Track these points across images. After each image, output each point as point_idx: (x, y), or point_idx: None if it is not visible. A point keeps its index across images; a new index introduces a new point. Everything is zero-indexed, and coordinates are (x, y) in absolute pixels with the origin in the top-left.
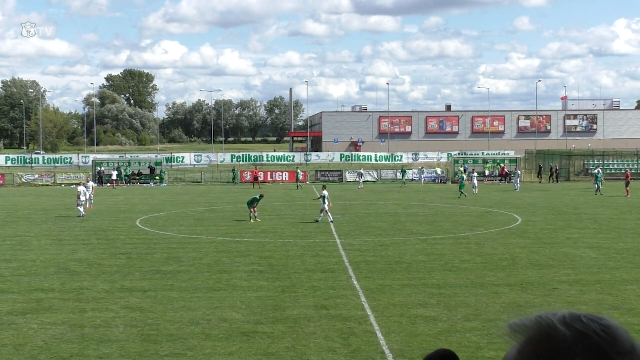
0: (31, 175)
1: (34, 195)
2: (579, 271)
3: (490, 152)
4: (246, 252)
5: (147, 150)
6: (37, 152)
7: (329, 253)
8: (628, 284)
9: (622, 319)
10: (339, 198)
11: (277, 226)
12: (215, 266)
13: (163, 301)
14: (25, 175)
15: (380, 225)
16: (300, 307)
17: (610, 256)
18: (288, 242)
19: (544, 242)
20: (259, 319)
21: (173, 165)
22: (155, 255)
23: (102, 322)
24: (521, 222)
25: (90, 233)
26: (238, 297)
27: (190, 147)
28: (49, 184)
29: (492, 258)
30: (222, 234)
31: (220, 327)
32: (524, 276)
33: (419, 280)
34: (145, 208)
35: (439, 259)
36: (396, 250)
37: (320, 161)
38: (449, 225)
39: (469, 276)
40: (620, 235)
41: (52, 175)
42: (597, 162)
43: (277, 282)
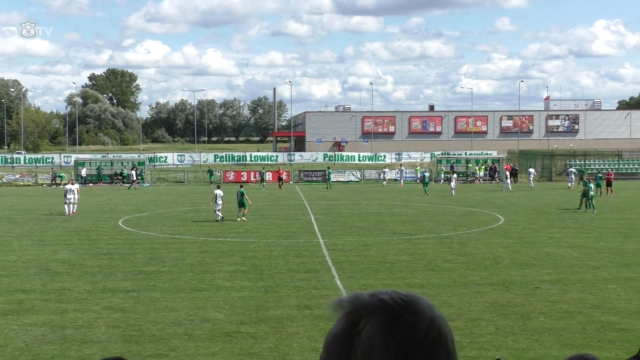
0: (12, 175)
1: (15, 196)
2: (560, 270)
3: (473, 152)
4: (229, 252)
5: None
6: (18, 152)
7: (312, 253)
8: (609, 283)
9: (602, 318)
10: (322, 198)
11: (260, 226)
12: (198, 266)
13: (145, 302)
14: (7, 175)
15: (363, 225)
16: (283, 307)
17: (592, 255)
18: (271, 242)
19: (526, 241)
20: (242, 319)
21: (156, 165)
22: (137, 255)
23: (83, 323)
24: (504, 222)
25: (72, 233)
26: (221, 298)
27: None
28: (30, 184)
29: (474, 258)
30: (205, 234)
31: (203, 327)
32: (507, 276)
33: (402, 280)
34: (128, 208)
35: (422, 258)
36: (379, 250)
37: (303, 161)
38: (432, 225)
39: (451, 276)
40: (602, 234)
41: (34, 175)
42: (579, 162)
43: (261, 282)
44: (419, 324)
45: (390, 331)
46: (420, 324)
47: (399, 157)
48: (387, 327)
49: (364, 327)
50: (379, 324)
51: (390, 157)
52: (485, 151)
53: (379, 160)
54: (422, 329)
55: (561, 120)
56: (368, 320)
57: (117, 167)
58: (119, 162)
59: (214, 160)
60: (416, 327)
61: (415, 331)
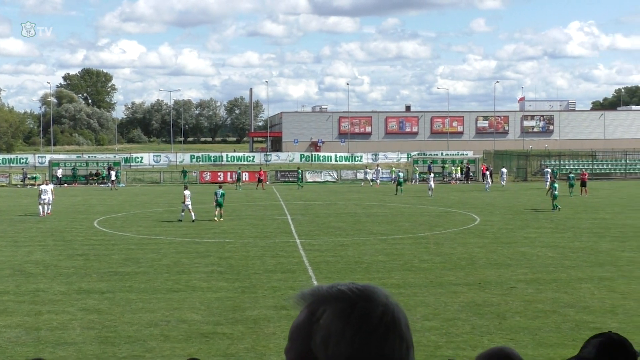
0: None
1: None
2: (536, 270)
3: (449, 153)
4: (206, 253)
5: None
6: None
7: (289, 253)
8: (583, 282)
9: (577, 317)
10: (298, 198)
11: (237, 227)
12: (174, 267)
13: (121, 303)
14: None
15: (340, 226)
16: (260, 308)
17: (567, 255)
18: (248, 243)
19: (502, 241)
20: (219, 320)
21: (132, 166)
22: (113, 256)
23: (58, 325)
24: (479, 222)
25: (46, 234)
26: (197, 298)
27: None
28: (4, 184)
29: (451, 258)
30: (182, 234)
31: (179, 328)
32: (483, 275)
33: (379, 280)
34: (103, 209)
35: (399, 259)
36: (356, 251)
37: (280, 161)
38: (408, 226)
39: (428, 276)
40: (576, 234)
41: (7, 175)
42: (554, 162)
43: (237, 283)
44: (373, 311)
45: (346, 318)
46: (374, 311)
47: (375, 157)
48: (343, 315)
49: (321, 315)
50: (336, 312)
51: (367, 157)
52: (461, 151)
53: (356, 161)
54: (376, 315)
55: (536, 121)
56: (326, 309)
57: (92, 167)
58: (94, 163)
59: (190, 160)
60: (370, 313)
61: (369, 317)
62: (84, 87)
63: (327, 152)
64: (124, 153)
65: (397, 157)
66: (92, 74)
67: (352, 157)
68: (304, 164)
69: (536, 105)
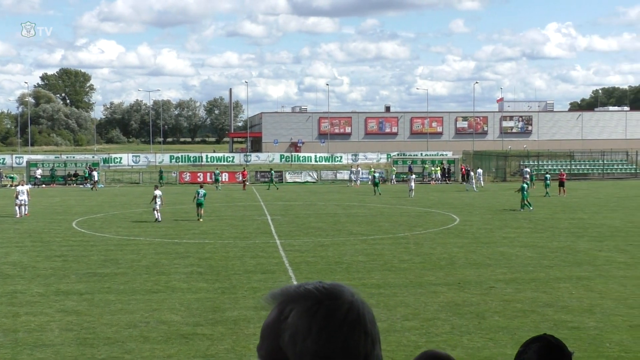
0: None
1: None
2: (514, 270)
3: (429, 153)
4: (185, 253)
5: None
6: None
7: (269, 254)
8: (561, 282)
9: (555, 316)
10: (278, 199)
11: (216, 227)
12: (153, 268)
13: (100, 304)
14: None
15: (320, 226)
16: (240, 309)
17: (545, 255)
18: (228, 244)
19: (481, 241)
20: (198, 321)
21: (111, 166)
22: (92, 257)
23: (36, 327)
24: (459, 222)
25: (24, 235)
26: (177, 299)
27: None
28: None
29: (430, 258)
30: (161, 235)
31: (158, 329)
32: (462, 275)
33: (359, 280)
34: (82, 210)
35: (379, 259)
36: (336, 251)
37: (260, 162)
38: (388, 226)
39: (408, 276)
40: (555, 234)
41: None
42: (533, 162)
43: (217, 284)
44: (338, 308)
45: (312, 316)
46: (340, 308)
47: (355, 157)
48: (309, 312)
49: (289, 314)
50: (303, 310)
51: (347, 157)
52: (440, 152)
53: (336, 161)
54: (341, 312)
55: (515, 122)
56: (293, 308)
57: (70, 168)
58: (72, 163)
59: (170, 161)
60: (336, 310)
61: (334, 315)
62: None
63: (307, 153)
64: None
65: (377, 158)
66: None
67: (332, 157)
68: (284, 165)
69: (515, 106)
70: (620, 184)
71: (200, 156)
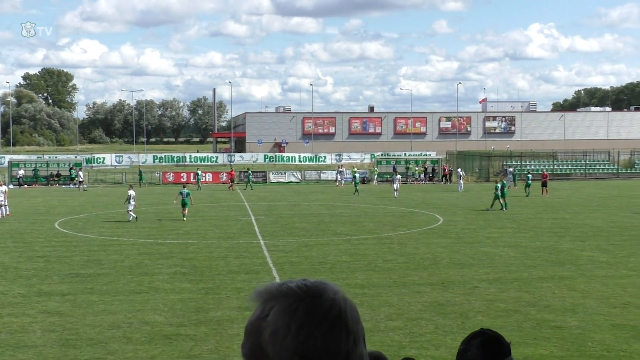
0: None
1: None
2: (498, 270)
3: (412, 153)
4: (169, 254)
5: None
6: None
7: (253, 254)
8: (544, 281)
9: (538, 316)
10: (262, 199)
11: (200, 227)
12: (137, 268)
13: (83, 305)
14: None
15: (304, 226)
16: (224, 309)
17: (528, 255)
18: (212, 244)
19: (465, 241)
20: (182, 322)
21: (93, 167)
22: (74, 258)
23: (18, 328)
24: (443, 222)
25: (6, 236)
26: (160, 300)
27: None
28: None
29: (414, 258)
30: (144, 235)
31: (142, 330)
32: (446, 275)
33: (343, 280)
34: (65, 210)
35: (363, 259)
36: (320, 251)
37: (244, 162)
38: (372, 226)
39: (391, 276)
40: (537, 234)
41: None
42: (516, 162)
43: (201, 284)
44: (319, 305)
45: (291, 314)
46: (320, 305)
47: (339, 157)
48: (289, 310)
49: (269, 311)
50: (283, 308)
51: (331, 158)
52: (424, 152)
53: (320, 161)
54: (322, 310)
55: (498, 122)
56: (274, 305)
57: (53, 168)
58: (55, 163)
59: (153, 161)
60: (316, 308)
61: (315, 312)
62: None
63: (290, 153)
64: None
65: (361, 158)
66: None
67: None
68: (268, 165)
69: (498, 106)
70: (602, 184)
71: (183, 156)
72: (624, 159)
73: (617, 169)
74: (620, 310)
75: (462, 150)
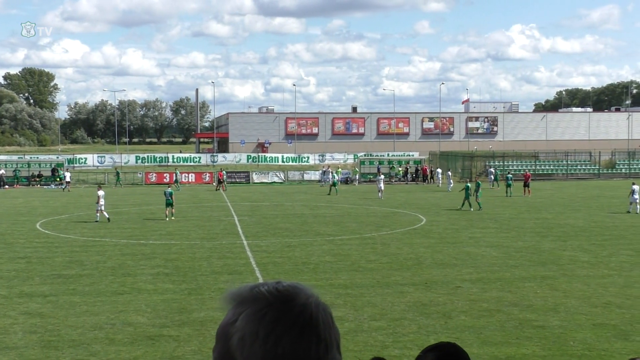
0: None
1: None
2: (480, 270)
3: (395, 154)
4: (151, 254)
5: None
6: None
7: (236, 255)
8: (526, 281)
9: (521, 315)
10: (245, 199)
11: (183, 228)
12: (119, 269)
13: (65, 306)
14: None
15: (287, 227)
16: (207, 310)
17: (510, 255)
18: (195, 244)
19: (448, 241)
20: (165, 323)
21: (75, 167)
22: (56, 259)
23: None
24: (425, 222)
25: None
26: (143, 301)
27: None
28: None
29: (397, 258)
30: (127, 236)
31: (124, 331)
32: (429, 275)
33: (326, 280)
34: (46, 211)
35: (346, 259)
36: (303, 251)
37: (227, 162)
38: (355, 226)
39: (375, 276)
40: (520, 234)
41: None
42: (498, 163)
43: (184, 285)
44: (289, 311)
45: (260, 319)
46: (290, 311)
47: (322, 158)
48: (257, 316)
49: (238, 316)
50: (251, 313)
51: (314, 158)
52: (407, 152)
53: (303, 162)
54: (291, 315)
55: (480, 122)
56: (243, 310)
57: (34, 168)
58: (36, 164)
59: (136, 161)
60: (285, 314)
61: (283, 317)
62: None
63: (274, 153)
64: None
65: (344, 158)
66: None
67: (299, 157)
68: (251, 165)
69: (480, 107)
70: (584, 184)
71: (166, 157)
72: (605, 159)
73: (598, 169)
74: (602, 309)
75: (445, 150)
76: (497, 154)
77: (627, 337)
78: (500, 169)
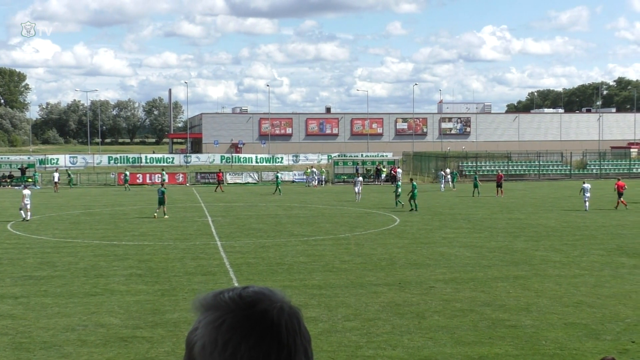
0: None
1: None
2: (454, 270)
3: (369, 154)
4: (124, 255)
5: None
6: None
7: (209, 256)
8: (499, 281)
9: (493, 315)
10: (219, 200)
11: (156, 229)
12: (92, 270)
13: (36, 308)
14: None
15: (261, 227)
16: (180, 311)
17: (483, 255)
18: (168, 245)
19: (421, 242)
20: (138, 324)
21: (47, 168)
22: (27, 260)
23: None
24: (399, 223)
25: None
26: (116, 302)
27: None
28: None
29: (371, 258)
30: (99, 237)
31: (97, 332)
32: (402, 276)
33: (300, 281)
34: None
35: (320, 260)
36: (277, 252)
37: (200, 163)
38: (329, 227)
39: (349, 276)
40: (493, 234)
41: None
42: (471, 163)
43: (157, 286)
44: (248, 318)
45: (219, 327)
46: (249, 318)
47: (296, 158)
48: (216, 324)
49: (199, 324)
50: (211, 320)
51: (288, 158)
52: (381, 153)
53: (277, 162)
54: (250, 322)
55: (454, 123)
56: (204, 318)
57: (5, 169)
58: (7, 164)
59: (109, 162)
60: (245, 321)
61: (242, 325)
62: None
63: (247, 154)
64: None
65: (318, 159)
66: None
67: (273, 158)
68: (225, 166)
69: (453, 107)
70: (555, 185)
71: (139, 157)
72: (576, 159)
73: (570, 169)
74: (573, 309)
75: (418, 151)
76: (470, 154)
77: (598, 337)
78: (473, 169)
